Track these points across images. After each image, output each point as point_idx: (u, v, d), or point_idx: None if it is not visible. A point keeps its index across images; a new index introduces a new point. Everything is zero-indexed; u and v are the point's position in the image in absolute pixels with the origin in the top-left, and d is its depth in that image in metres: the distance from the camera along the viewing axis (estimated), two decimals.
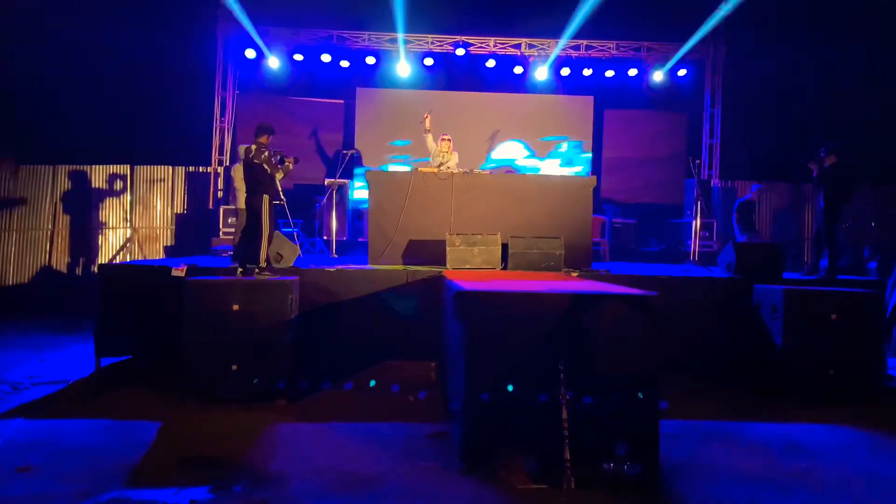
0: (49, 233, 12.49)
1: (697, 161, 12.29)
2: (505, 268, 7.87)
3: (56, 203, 12.55)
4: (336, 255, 9.98)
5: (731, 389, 7.08)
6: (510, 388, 4.67)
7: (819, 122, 12.31)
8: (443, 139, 9.26)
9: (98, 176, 12.68)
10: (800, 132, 12.33)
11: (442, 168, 8.79)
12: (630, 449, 4.56)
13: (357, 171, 12.79)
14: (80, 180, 12.62)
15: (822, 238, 8.59)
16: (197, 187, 12.84)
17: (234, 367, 6.12)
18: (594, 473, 4.47)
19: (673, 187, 13.34)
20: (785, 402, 6.59)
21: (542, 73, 12.97)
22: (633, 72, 13.17)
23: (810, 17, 12.43)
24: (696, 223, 10.46)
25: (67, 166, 12.57)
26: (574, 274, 7.82)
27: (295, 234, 9.47)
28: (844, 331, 6.67)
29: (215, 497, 4.19)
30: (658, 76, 13.04)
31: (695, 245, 10.46)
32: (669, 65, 12.85)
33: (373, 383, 6.99)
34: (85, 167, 12.61)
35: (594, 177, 9.32)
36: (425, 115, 9.30)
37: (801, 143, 10.92)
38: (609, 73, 13.21)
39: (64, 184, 12.59)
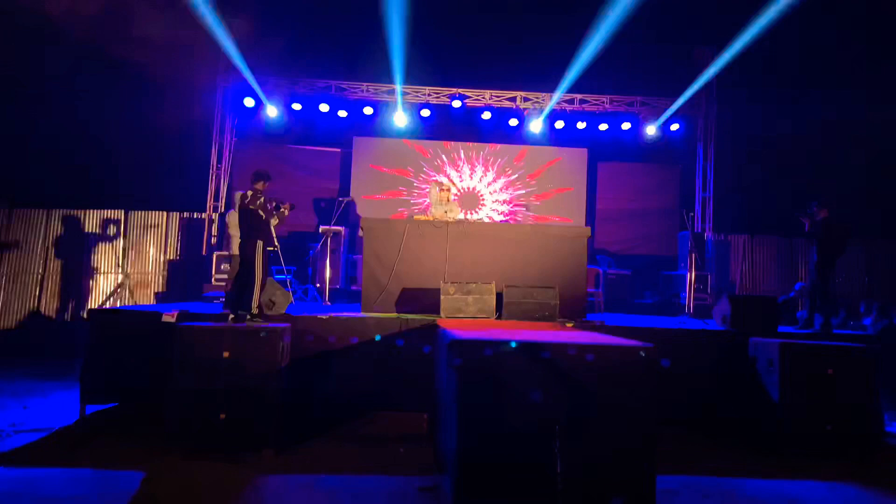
0: (39, 277, 12.39)
1: (691, 214, 12.40)
2: (500, 317, 7.81)
3: (48, 247, 12.49)
4: (329, 303, 9.92)
5: (728, 443, 6.96)
6: (503, 439, 4.56)
7: (811, 176, 12.46)
8: (443, 189, 9.30)
9: (92, 221, 12.66)
10: (792, 186, 12.47)
11: (446, 216, 8.78)
12: None
13: (352, 218, 12.81)
14: (74, 225, 12.59)
15: (816, 292, 8.59)
16: (191, 233, 12.82)
17: (222, 416, 5.98)
18: None
19: (667, 239, 13.40)
20: (783, 457, 6.47)
21: (536, 126, 13.15)
22: (626, 125, 13.36)
23: (800, 72, 12.71)
24: (691, 275, 10.47)
25: (61, 210, 12.56)
26: (569, 325, 7.76)
27: (288, 280, 9.42)
28: (841, 386, 6.60)
29: None
30: (651, 130, 13.23)
31: (689, 297, 10.45)
32: (662, 119, 13.06)
33: (363, 433, 6.86)
34: (79, 212, 12.60)
35: (588, 227, 9.34)
36: (432, 188, 9.32)
37: (794, 196, 11.02)
38: (603, 127, 13.40)
39: (57, 228, 12.55)
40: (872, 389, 6.77)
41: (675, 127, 13.31)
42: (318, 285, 10.91)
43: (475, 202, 13.43)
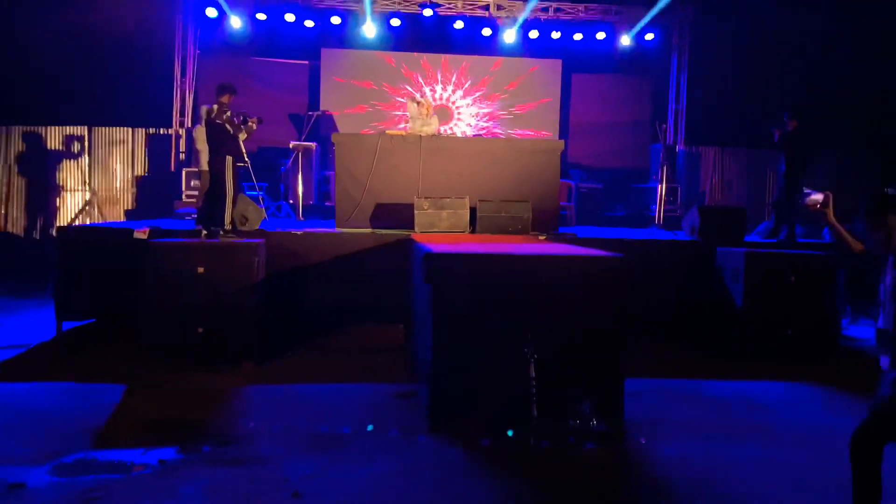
0: (4, 195, 12.09)
1: (664, 126, 12.39)
2: (473, 231, 7.88)
3: (10, 165, 12.13)
4: (303, 219, 9.89)
5: (693, 349, 7.27)
6: (477, 347, 4.71)
7: (784, 89, 12.46)
8: (421, 102, 9.14)
9: (54, 137, 12.28)
10: (764, 98, 12.48)
11: (424, 131, 8.67)
12: (595, 406, 4.65)
13: (323, 133, 12.60)
14: (35, 142, 12.20)
15: (782, 203, 8.76)
16: (158, 149, 12.52)
17: (200, 330, 6.07)
18: (561, 430, 4.56)
19: (639, 152, 13.42)
20: (744, 361, 6.78)
21: (510, 36, 12.84)
22: (601, 35, 13.11)
23: None
24: (662, 188, 10.59)
25: (21, 127, 12.13)
26: (542, 237, 7.87)
27: (260, 197, 9.33)
28: (802, 292, 6.86)
29: (184, 457, 4.18)
30: (626, 40, 13.00)
31: (660, 209, 10.60)
32: (637, 28, 12.81)
33: (340, 346, 7.01)
34: (39, 128, 12.19)
35: (562, 141, 9.34)
36: (409, 102, 9.12)
37: (765, 108, 11.06)
38: (577, 37, 13.13)
39: (18, 145, 12.16)
40: (831, 295, 7.05)
41: (649, 37, 13.10)
42: (291, 201, 10.83)
43: (448, 116, 13.25)
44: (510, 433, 4.57)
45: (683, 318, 7.64)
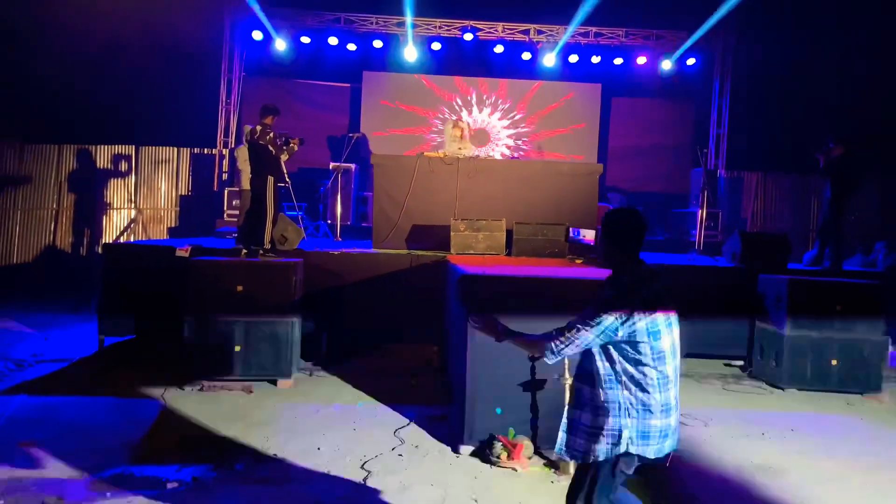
0: (54, 212, 12.50)
1: (704, 150, 12.22)
2: (509, 254, 7.85)
3: (61, 183, 12.54)
4: (340, 239, 9.98)
5: (736, 377, 7.09)
6: (511, 371, 4.66)
7: (828, 114, 12.20)
8: (457, 127, 9.20)
9: (103, 156, 12.66)
10: (808, 124, 12.22)
11: (460, 153, 8.71)
12: None
13: (362, 155, 12.75)
14: (85, 160, 12.60)
15: (827, 229, 8.55)
16: (201, 169, 12.82)
17: (238, 348, 6.13)
18: None
19: (679, 177, 13.26)
20: (787, 392, 6.59)
21: (550, 60, 12.87)
22: (641, 60, 13.06)
23: (823, 7, 12.30)
24: (702, 213, 10.41)
25: (73, 145, 12.55)
26: (578, 261, 7.80)
27: (299, 217, 9.46)
28: (848, 321, 6.65)
29: (217, 475, 4.21)
30: (667, 65, 12.93)
31: (700, 234, 10.42)
32: (678, 53, 12.74)
33: (375, 366, 7.01)
34: (90, 147, 12.59)
35: (600, 164, 9.27)
36: (453, 128, 9.19)
37: (809, 134, 10.82)
38: (617, 61, 13.10)
39: (69, 163, 12.57)
40: (878, 325, 6.81)
41: (691, 61, 13.00)
42: (329, 221, 10.95)
43: (486, 138, 13.30)
44: (543, 457, 4.50)
45: (725, 346, 7.47)
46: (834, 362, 6.63)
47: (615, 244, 2.80)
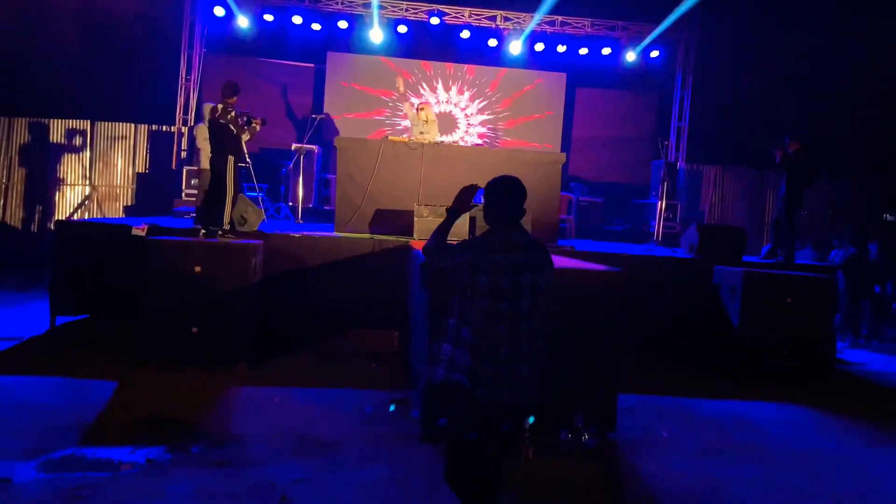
0: (3, 186, 12.08)
1: (666, 142, 12.40)
2: None
3: (12, 157, 12.13)
4: (302, 221, 9.87)
5: (688, 367, 7.25)
6: None
7: (785, 111, 12.50)
8: (422, 108, 9.17)
9: (56, 130, 12.28)
10: (766, 120, 12.50)
11: (423, 137, 8.70)
12: (588, 420, 4.63)
13: (326, 137, 12.61)
14: (38, 134, 12.20)
15: (781, 223, 8.77)
16: (160, 147, 12.52)
17: (195, 330, 6.03)
18: (553, 443, 4.54)
19: (640, 168, 13.44)
20: (739, 380, 6.77)
21: (516, 48, 12.88)
22: (606, 51, 13.16)
23: (784, 6, 12.56)
24: (661, 204, 10.58)
25: (24, 118, 12.14)
26: None
27: (260, 198, 9.32)
28: (799, 314, 6.86)
29: (172, 457, 4.15)
30: (631, 56, 13.05)
31: (659, 225, 10.59)
32: (643, 45, 12.86)
33: (335, 350, 6.98)
34: (43, 120, 12.19)
35: (563, 153, 9.33)
36: (397, 77, 9.17)
37: (767, 130, 11.08)
38: (583, 51, 13.18)
39: (20, 137, 12.16)
40: (828, 318, 7.04)
41: (655, 54, 13.15)
42: (290, 204, 10.82)
43: (451, 124, 13.27)
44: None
45: (679, 335, 7.62)
46: (784, 353, 6.83)
47: (485, 210, 3.11)
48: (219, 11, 12.30)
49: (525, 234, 3.01)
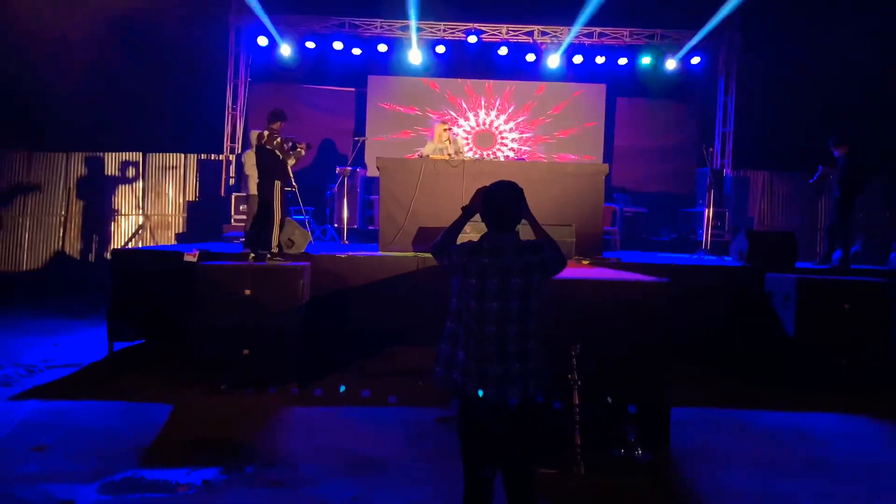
0: (62, 219, 12.58)
1: (710, 149, 12.19)
2: None
3: (70, 190, 12.64)
4: (347, 242, 9.99)
5: (743, 377, 7.05)
6: None
7: (834, 112, 12.16)
8: (442, 127, 9.22)
9: (111, 163, 12.75)
10: (814, 121, 12.18)
11: (442, 154, 8.77)
12: (641, 435, 4.55)
13: (369, 158, 12.78)
14: (93, 167, 12.69)
15: (835, 228, 8.52)
16: (208, 174, 12.88)
17: (245, 352, 6.15)
18: (605, 459, 4.47)
19: (685, 176, 13.24)
20: (796, 390, 6.55)
21: (554, 61, 12.88)
22: (646, 59, 13.05)
23: (827, 6, 12.27)
24: (709, 212, 10.37)
25: (81, 153, 12.65)
26: (585, 262, 7.80)
27: (306, 221, 9.49)
28: (857, 320, 6.62)
29: (227, 478, 4.23)
30: (671, 64, 12.92)
31: (707, 234, 10.38)
32: (683, 52, 12.72)
33: (383, 368, 7.02)
34: (98, 154, 12.68)
35: (606, 164, 9.26)
36: (436, 124, 9.30)
37: (816, 132, 10.79)
38: (622, 61, 13.09)
39: (77, 170, 12.67)
40: (887, 324, 6.78)
41: (696, 60, 12.99)
42: (335, 225, 10.98)
43: (491, 140, 13.31)
44: (553, 460, 4.49)
45: (732, 345, 7.44)
46: (843, 361, 6.59)
47: (481, 214, 3.16)
48: (262, 41, 12.65)
49: (515, 238, 3.07)
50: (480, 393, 2.89)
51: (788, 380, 6.67)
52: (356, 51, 12.98)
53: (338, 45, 12.82)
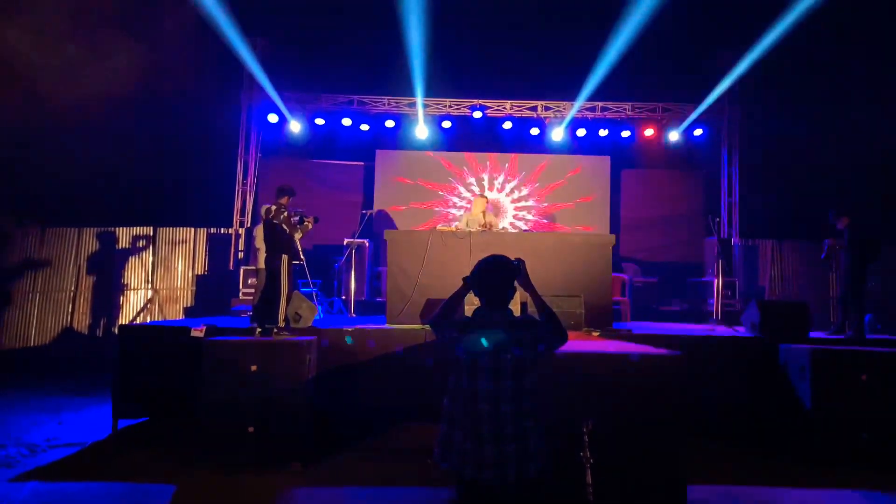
0: (72, 294, 12.63)
1: (717, 219, 12.23)
2: None
3: (80, 265, 12.74)
4: (354, 315, 9.97)
5: (760, 453, 6.85)
6: None
7: (843, 177, 12.25)
8: (483, 201, 9.48)
9: (122, 238, 12.90)
10: (821, 188, 12.26)
11: (490, 227, 8.96)
12: None
13: (376, 231, 12.89)
14: (104, 242, 12.83)
15: (848, 298, 8.44)
16: (218, 249, 12.99)
17: (251, 430, 6.04)
18: None
19: (693, 246, 13.26)
20: (816, 466, 6.35)
21: (558, 134, 13.13)
22: (649, 132, 13.28)
23: (827, 75, 12.52)
24: (718, 282, 10.33)
25: (92, 228, 12.80)
26: (595, 334, 7.71)
27: (314, 293, 9.49)
28: (876, 392, 6.46)
29: None
30: (674, 136, 13.14)
31: (717, 304, 10.30)
32: (685, 125, 12.96)
33: (391, 445, 6.86)
34: (109, 229, 12.84)
35: (613, 235, 9.29)
36: (483, 200, 9.64)
37: (823, 199, 10.85)
38: (625, 134, 13.33)
39: (88, 246, 12.80)
40: None
41: (698, 132, 13.21)
42: (343, 297, 10.97)
43: (498, 212, 13.43)
44: None
45: (747, 419, 7.26)
46: (864, 435, 6.41)
47: (473, 290, 3.13)
48: (272, 118, 12.98)
49: (507, 314, 3.03)
50: (478, 477, 2.82)
51: (808, 455, 6.47)
52: (364, 126, 13.29)
53: (346, 122, 13.14)
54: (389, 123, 13.25)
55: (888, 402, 6.46)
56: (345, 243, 11.40)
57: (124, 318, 12.55)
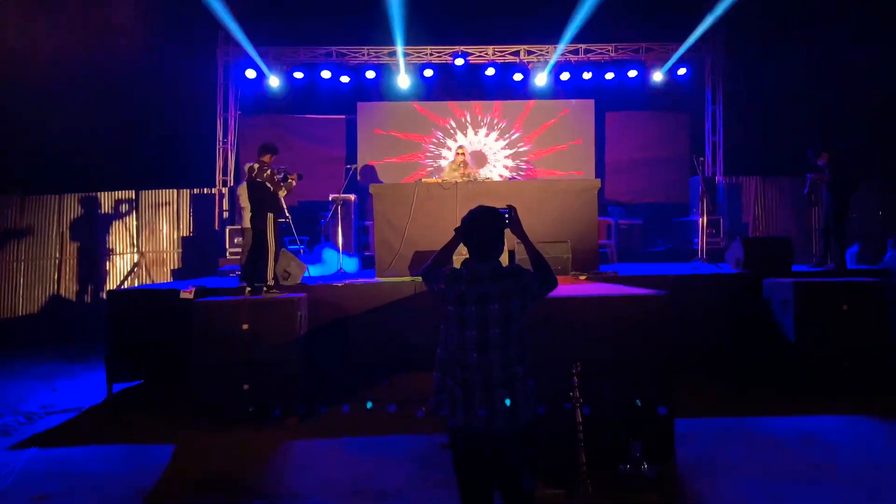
0: (57, 261, 12.55)
1: (701, 159, 12.26)
2: None
3: (63, 232, 12.62)
4: (343, 270, 9.98)
5: (745, 385, 7.02)
6: None
7: (823, 113, 12.24)
8: (458, 153, 9.40)
9: (104, 202, 12.76)
10: (803, 125, 12.26)
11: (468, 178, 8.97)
12: (646, 449, 4.51)
13: (361, 185, 12.82)
14: (86, 207, 12.69)
15: (830, 230, 8.54)
16: (202, 209, 12.90)
17: (245, 387, 6.11)
18: (611, 476, 4.43)
19: (678, 186, 13.28)
20: (800, 395, 6.52)
21: (541, 79, 12.98)
22: (632, 73, 13.15)
23: (808, 12, 12.38)
24: (703, 220, 10.40)
25: (73, 194, 12.65)
26: (582, 277, 7.79)
27: (301, 250, 9.48)
28: (857, 321, 6.61)
29: None
30: (658, 76, 13.01)
31: (702, 242, 10.40)
32: (669, 64, 12.82)
33: (383, 396, 6.97)
34: (91, 194, 12.69)
35: (598, 179, 9.29)
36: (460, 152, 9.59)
37: (805, 135, 10.86)
38: (609, 76, 13.19)
39: (70, 212, 12.66)
40: (887, 323, 6.77)
41: (682, 71, 13.08)
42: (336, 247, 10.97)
43: (483, 161, 13.36)
44: (559, 480, 4.45)
45: (733, 353, 7.42)
46: (845, 363, 6.56)
47: (463, 241, 3.12)
48: (250, 74, 12.73)
49: (494, 265, 3.02)
50: (469, 423, 2.88)
51: (792, 385, 6.65)
52: (344, 79, 13.07)
53: (326, 74, 12.91)
54: (370, 74, 13.03)
55: (868, 330, 6.62)
56: (330, 199, 11.32)
57: (112, 284, 12.51)
